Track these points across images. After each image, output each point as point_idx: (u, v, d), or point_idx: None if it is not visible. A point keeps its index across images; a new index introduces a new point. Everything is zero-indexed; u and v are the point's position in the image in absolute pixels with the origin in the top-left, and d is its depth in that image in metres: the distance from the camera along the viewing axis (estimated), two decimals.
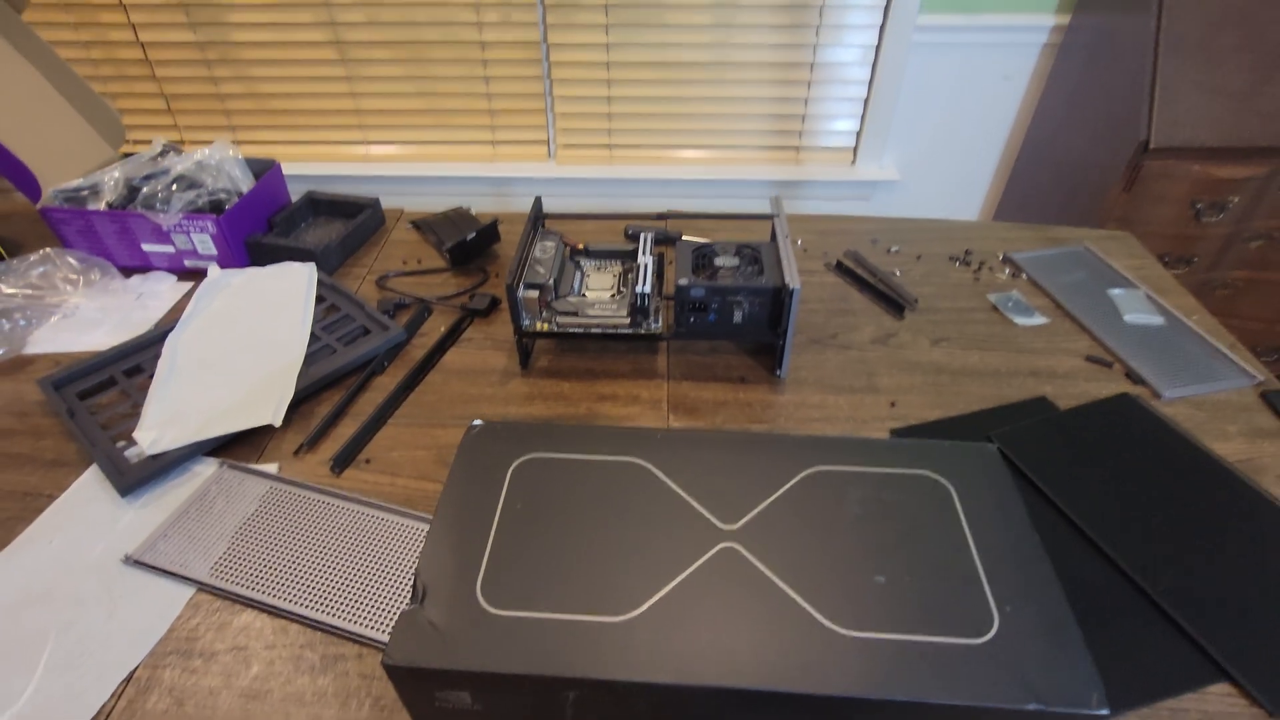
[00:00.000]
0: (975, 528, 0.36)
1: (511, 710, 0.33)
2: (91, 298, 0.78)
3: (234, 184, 0.84)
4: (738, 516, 0.37)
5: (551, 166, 1.65)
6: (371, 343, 0.71)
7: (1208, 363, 0.69)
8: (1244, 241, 1.27)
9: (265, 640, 0.48)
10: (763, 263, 0.67)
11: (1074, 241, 0.87)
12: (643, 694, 0.31)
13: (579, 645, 0.31)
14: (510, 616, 0.32)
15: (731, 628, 0.32)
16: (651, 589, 0.33)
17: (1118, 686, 0.45)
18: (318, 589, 0.51)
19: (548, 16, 1.48)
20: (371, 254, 0.87)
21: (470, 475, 0.39)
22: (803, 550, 0.35)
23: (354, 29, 1.49)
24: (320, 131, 1.62)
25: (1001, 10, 1.43)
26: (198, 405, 0.64)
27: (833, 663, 0.31)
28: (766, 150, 1.66)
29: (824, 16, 1.47)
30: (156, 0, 1.44)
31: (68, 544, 0.55)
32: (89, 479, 0.60)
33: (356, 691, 0.45)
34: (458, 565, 0.35)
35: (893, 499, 0.37)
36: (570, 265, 0.74)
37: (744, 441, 0.41)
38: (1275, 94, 1.14)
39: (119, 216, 0.79)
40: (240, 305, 0.75)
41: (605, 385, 0.68)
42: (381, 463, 0.61)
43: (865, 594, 0.33)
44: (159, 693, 0.46)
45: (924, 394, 0.67)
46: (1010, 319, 0.75)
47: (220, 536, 0.55)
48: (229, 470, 0.60)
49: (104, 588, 0.52)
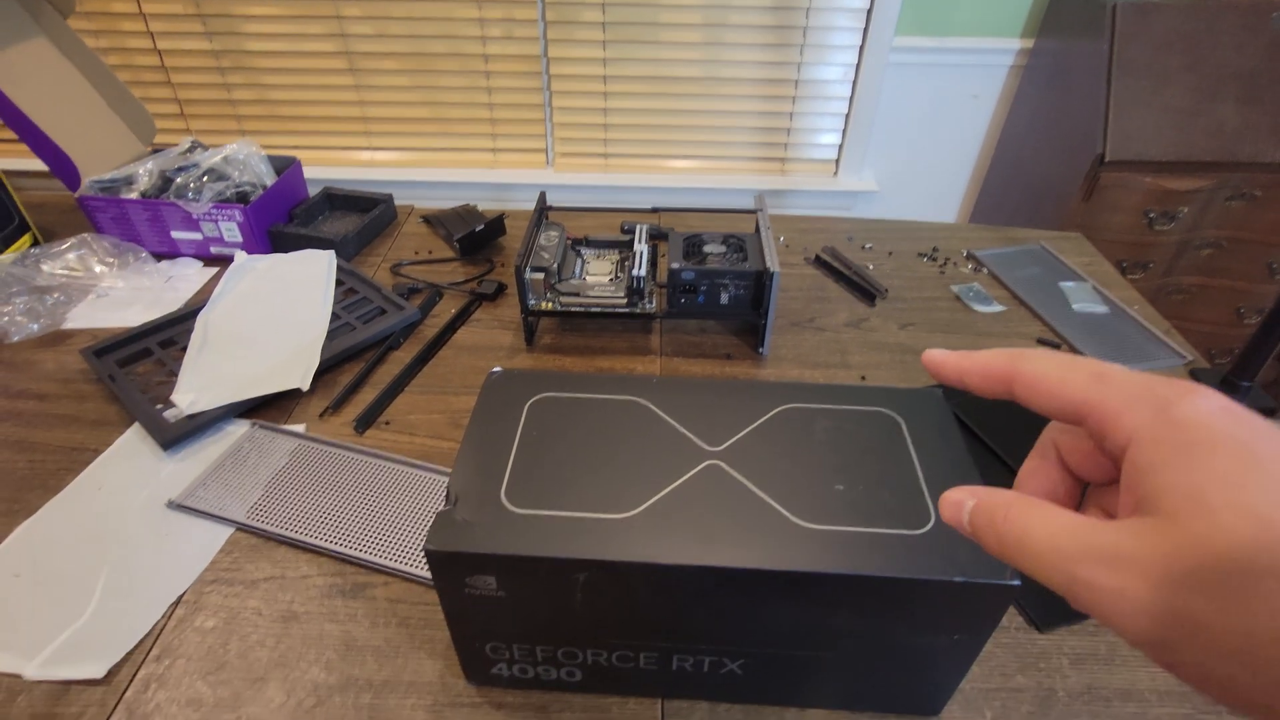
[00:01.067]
0: (919, 450, 0.43)
1: (530, 593, 0.39)
2: (125, 279, 0.84)
3: (259, 178, 0.90)
4: (721, 441, 0.43)
5: (550, 173, 1.73)
6: (388, 321, 0.77)
7: (1144, 345, 0.77)
8: (1195, 249, 1.37)
9: (300, 571, 0.54)
10: (747, 250, 0.74)
11: (1031, 241, 0.95)
12: (640, 573, 0.37)
13: (588, 535, 0.38)
14: (530, 514, 0.39)
15: (715, 522, 0.38)
16: (648, 494, 0.40)
17: (1050, 606, 0.52)
18: (345, 529, 0.57)
19: (548, 32, 1.56)
20: (385, 245, 0.94)
21: (492, 410, 0.45)
22: (775, 466, 0.41)
23: (363, 40, 1.57)
24: (328, 136, 1.69)
25: (970, 34, 1.53)
26: (230, 372, 0.69)
27: (798, 547, 0.37)
28: (754, 160, 1.75)
29: (807, 37, 1.57)
30: (176, 11, 1.52)
31: (115, 491, 0.60)
32: (131, 436, 0.65)
33: (384, 613, 0.51)
34: (483, 477, 0.41)
35: (852, 428, 0.44)
36: (572, 253, 0.81)
37: (728, 385, 0.48)
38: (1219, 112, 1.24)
39: (151, 205, 0.85)
40: (266, 286, 0.81)
41: (603, 360, 0.75)
42: (400, 424, 0.67)
43: (826, 498, 0.40)
44: (206, 613, 0.51)
45: (891, 370, 0.74)
46: (971, 307, 0.83)
47: (255, 485, 0.60)
48: (260, 430, 0.66)
49: (150, 528, 0.57)
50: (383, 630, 0.50)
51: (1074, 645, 0.50)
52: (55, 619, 0.50)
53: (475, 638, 0.43)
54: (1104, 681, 0.48)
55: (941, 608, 0.37)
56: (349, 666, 0.48)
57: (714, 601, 0.38)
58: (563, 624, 0.41)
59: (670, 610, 0.39)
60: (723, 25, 1.55)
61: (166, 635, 0.50)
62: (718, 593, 0.38)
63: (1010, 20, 1.51)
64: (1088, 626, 0.51)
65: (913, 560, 0.36)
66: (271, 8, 1.52)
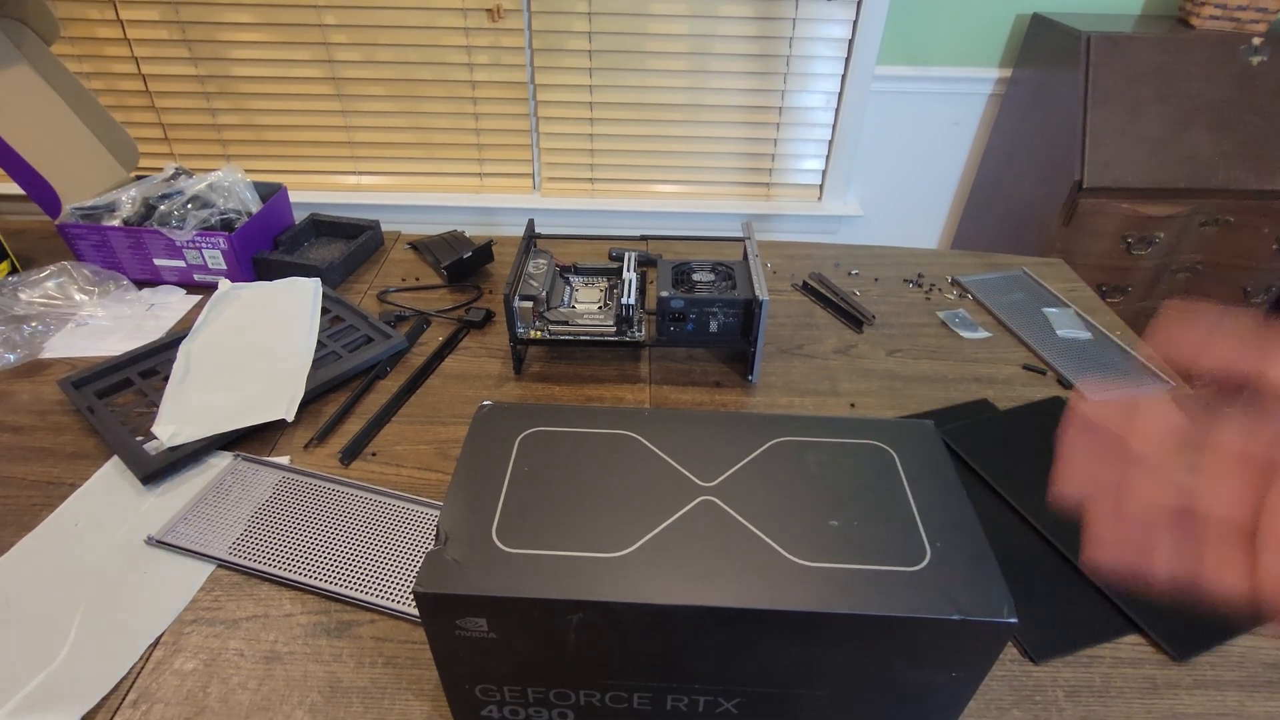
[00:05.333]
0: (913, 484, 0.43)
1: (522, 635, 0.38)
2: (105, 307, 0.82)
3: (244, 205, 0.89)
4: (715, 476, 0.43)
5: (536, 198, 1.74)
6: (375, 349, 0.76)
7: (1128, 370, 0.78)
8: (1172, 273, 1.40)
9: (283, 609, 0.53)
10: (735, 279, 0.75)
11: (1014, 267, 0.97)
12: (634, 614, 0.36)
13: (581, 575, 0.37)
14: (522, 554, 0.38)
15: (709, 560, 0.38)
16: (642, 532, 0.39)
17: (1045, 638, 0.52)
18: (331, 565, 0.55)
19: (535, 59, 1.58)
20: (372, 272, 0.93)
21: (482, 445, 0.45)
22: (769, 501, 0.41)
23: (350, 67, 1.57)
24: (314, 161, 1.69)
25: (950, 64, 1.57)
26: (213, 403, 0.68)
27: (793, 586, 0.37)
28: (739, 186, 1.77)
29: (791, 65, 1.60)
30: (162, 36, 1.51)
31: (92, 526, 0.59)
32: (109, 470, 0.64)
33: (370, 652, 0.50)
34: (474, 515, 0.40)
35: (845, 462, 0.44)
36: (560, 281, 0.80)
37: (720, 418, 0.48)
38: (1191, 140, 1.27)
39: (134, 232, 0.84)
40: (250, 315, 0.80)
41: (592, 389, 0.74)
42: (386, 455, 0.66)
43: (821, 534, 0.39)
44: (185, 655, 0.50)
45: (880, 397, 0.74)
46: (957, 333, 0.84)
47: (237, 520, 0.59)
48: (243, 462, 0.65)
49: (129, 564, 0.56)
50: (369, 670, 0.49)
51: (1069, 677, 0.49)
52: (27, 663, 0.48)
53: (465, 679, 0.42)
54: (1099, 714, 0.47)
55: (939, 645, 0.37)
56: (334, 709, 0.46)
57: (709, 641, 0.38)
58: (555, 665, 0.40)
59: (665, 650, 0.38)
60: (707, 54, 1.57)
61: (144, 679, 0.48)
62: (713, 633, 0.37)
63: (989, 50, 1.55)
64: (1081, 658, 0.51)
65: (910, 598, 0.36)
66: (258, 34, 1.52)
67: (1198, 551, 0.19)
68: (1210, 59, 1.26)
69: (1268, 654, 0.51)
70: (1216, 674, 0.50)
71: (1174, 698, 0.48)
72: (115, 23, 1.49)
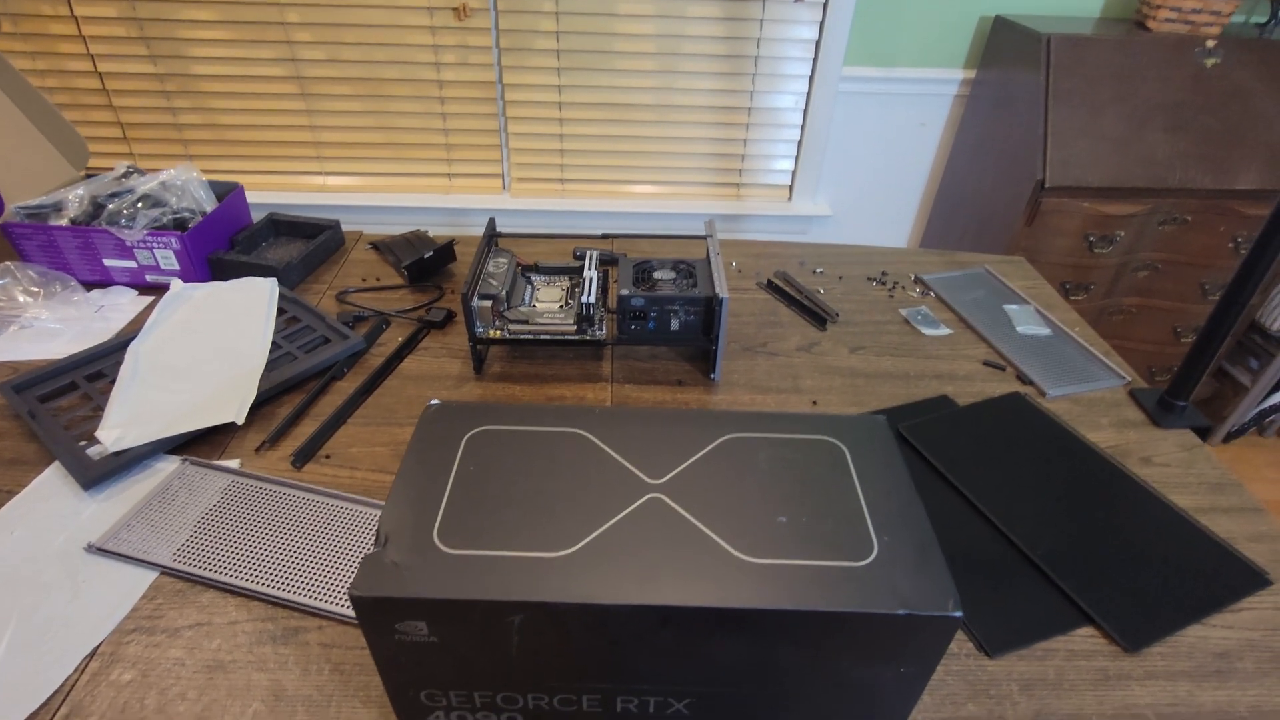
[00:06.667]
0: (863, 479, 0.42)
1: (464, 638, 0.37)
2: (51, 309, 0.80)
3: (197, 204, 0.87)
4: (663, 473, 0.42)
5: (506, 198, 1.72)
6: (331, 350, 0.75)
7: (1086, 367, 0.79)
8: (1133, 271, 1.42)
9: (228, 616, 0.51)
10: (697, 276, 0.74)
11: (976, 265, 0.98)
12: (578, 614, 0.36)
13: (523, 575, 0.36)
14: (463, 554, 0.37)
15: (655, 559, 0.37)
16: (587, 530, 0.39)
17: (1000, 633, 0.52)
18: (279, 570, 0.54)
19: (503, 59, 1.56)
20: (331, 272, 0.92)
21: (428, 444, 0.44)
22: (717, 498, 0.41)
23: (315, 65, 1.55)
24: (278, 161, 1.65)
25: (916, 65, 1.58)
26: (161, 406, 0.66)
27: (740, 583, 0.36)
28: (709, 186, 1.77)
29: (759, 66, 1.60)
30: (119, 33, 1.48)
31: (30, 534, 0.57)
32: (50, 476, 0.62)
33: (317, 659, 0.49)
34: (416, 515, 0.39)
35: (796, 457, 0.44)
36: (521, 280, 0.80)
37: (672, 415, 0.47)
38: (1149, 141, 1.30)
39: (82, 232, 0.82)
40: (203, 316, 0.78)
41: (553, 388, 0.73)
42: (341, 458, 0.64)
43: (769, 531, 0.39)
44: (123, 666, 0.48)
45: (842, 394, 0.74)
46: (919, 330, 0.84)
47: (183, 526, 0.57)
48: (191, 466, 0.63)
49: (66, 574, 0.54)
50: (315, 678, 0.48)
51: (1023, 671, 0.49)
52: None
53: (410, 685, 0.41)
54: (1052, 707, 0.47)
55: (886, 640, 0.37)
56: (278, 718, 0.45)
57: (656, 641, 0.37)
58: (500, 669, 0.39)
59: (611, 651, 0.38)
60: (676, 54, 1.57)
61: (77, 692, 0.46)
62: (659, 632, 0.37)
63: (953, 52, 1.57)
64: (1036, 651, 0.51)
65: (855, 593, 0.36)
66: (219, 31, 1.49)
67: None
68: (1166, 61, 1.29)
69: (1216, 644, 0.51)
70: (1167, 664, 0.50)
71: (1125, 689, 0.49)
72: (69, 19, 1.46)
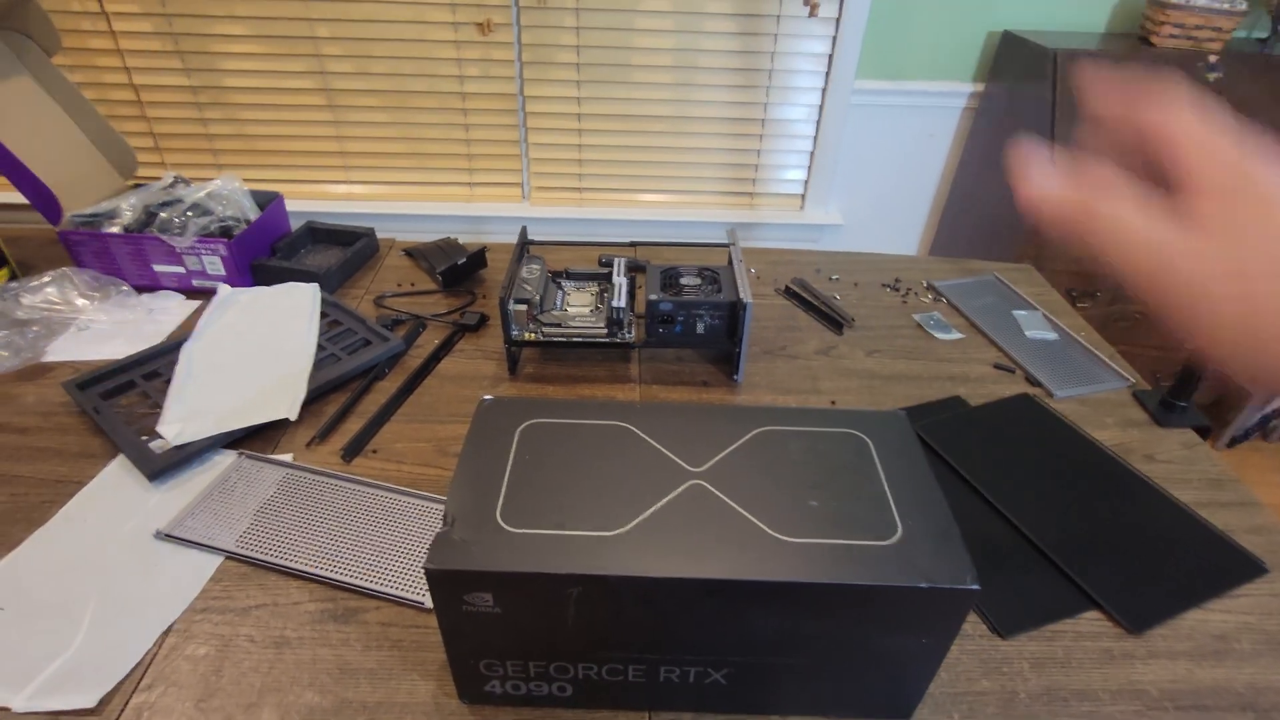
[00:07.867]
0: (886, 468, 0.46)
1: (525, 609, 0.41)
2: (106, 312, 0.84)
3: (242, 212, 0.92)
4: (703, 462, 0.46)
5: (526, 207, 1.77)
6: (373, 352, 0.79)
7: (1091, 369, 0.82)
8: None
9: (291, 597, 0.55)
10: (721, 283, 0.78)
11: (986, 272, 1.01)
12: (631, 587, 0.39)
13: (579, 551, 0.40)
14: (524, 533, 0.41)
15: (700, 538, 0.41)
16: (636, 512, 0.42)
17: (1011, 615, 0.55)
18: (336, 555, 0.58)
19: (525, 72, 1.61)
20: (368, 277, 0.96)
21: (485, 436, 0.48)
22: (753, 484, 0.44)
23: (343, 78, 1.60)
24: (304, 170, 1.71)
25: (925, 78, 1.63)
26: (216, 403, 0.70)
27: (778, 559, 0.40)
28: (723, 195, 1.81)
29: (773, 79, 1.64)
30: (154, 47, 1.53)
31: (101, 521, 0.61)
32: (115, 468, 0.66)
33: (376, 637, 0.52)
34: (478, 498, 0.43)
35: (824, 448, 0.47)
36: (553, 286, 0.84)
37: (707, 410, 0.51)
38: None
39: (134, 239, 0.86)
40: (250, 319, 0.82)
41: (584, 389, 0.77)
42: (387, 452, 0.68)
43: (802, 513, 0.43)
44: (197, 641, 0.52)
45: (859, 395, 0.78)
46: (932, 335, 0.88)
47: (243, 515, 0.61)
48: (247, 460, 0.67)
49: (138, 558, 0.58)
50: (375, 654, 0.51)
51: (1034, 650, 0.53)
52: (43, 650, 0.50)
53: (470, 654, 0.44)
54: (1061, 683, 0.51)
55: (908, 612, 0.40)
56: (343, 689, 0.49)
57: (699, 612, 0.41)
58: (556, 639, 0.43)
59: (658, 622, 0.41)
60: (692, 67, 1.62)
61: (158, 664, 0.50)
62: (703, 603, 0.40)
63: (962, 66, 1.61)
64: (1045, 633, 0.54)
65: (881, 569, 0.39)
66: (251, 45, 1.55)
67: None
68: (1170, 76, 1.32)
69: (1215, 627, 0.55)
70: (1168, 645, 0.53)
71: (1130, 667, 0.52)
72: (108, 34, 1.51)
